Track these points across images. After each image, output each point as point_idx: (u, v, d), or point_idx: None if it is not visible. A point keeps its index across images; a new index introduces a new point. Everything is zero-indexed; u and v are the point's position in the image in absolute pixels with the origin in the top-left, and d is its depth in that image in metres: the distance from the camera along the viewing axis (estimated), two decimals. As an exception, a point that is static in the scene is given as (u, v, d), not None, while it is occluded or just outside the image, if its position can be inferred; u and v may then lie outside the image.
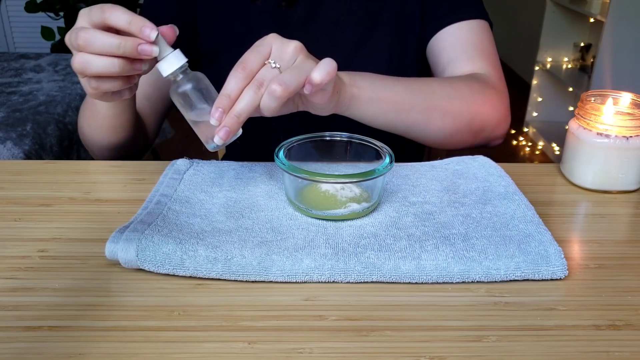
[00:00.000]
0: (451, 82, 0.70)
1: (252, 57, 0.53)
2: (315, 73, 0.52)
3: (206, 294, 0.46)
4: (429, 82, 0.68)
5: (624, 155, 0.63)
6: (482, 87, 0.70)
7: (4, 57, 2.18)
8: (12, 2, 3.08)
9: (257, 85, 0.52)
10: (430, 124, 0.67)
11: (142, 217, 0.52)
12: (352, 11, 0.78)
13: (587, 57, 2.75)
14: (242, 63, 0.53)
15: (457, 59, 0.75)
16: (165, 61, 0.54)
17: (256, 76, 0.53)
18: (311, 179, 0.53)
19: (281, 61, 0.53)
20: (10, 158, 1.45)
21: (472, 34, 0.76)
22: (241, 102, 0.52)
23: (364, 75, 0.63)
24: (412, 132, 0.68)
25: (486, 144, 0.74)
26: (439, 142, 0.71)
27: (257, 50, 0.54)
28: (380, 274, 0.47)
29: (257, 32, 0.79)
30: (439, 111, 0.67)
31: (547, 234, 0.51)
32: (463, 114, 0.68)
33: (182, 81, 0.55)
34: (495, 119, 0.71)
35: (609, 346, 0.41)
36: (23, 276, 0.48)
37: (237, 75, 0.52)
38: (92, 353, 0.40)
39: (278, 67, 0.53)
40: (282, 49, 0.54)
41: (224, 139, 0.52)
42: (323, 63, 0.53)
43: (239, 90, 0.52)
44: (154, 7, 0.79)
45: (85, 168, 0.69)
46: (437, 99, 0.66)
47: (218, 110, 0.52)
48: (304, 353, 0.40)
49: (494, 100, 0.71)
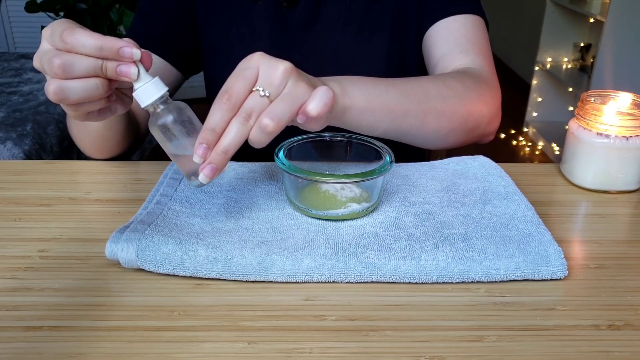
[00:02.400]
0: (444, 80, 0.67)
1: (238, 84, 0.47)
2: (312, 105, 0.48)
3: (206, 294, 0.46)
4: (422, 82, 0.66)
5: (624, 156, 0.63)
6: (476, 84, 0.69)
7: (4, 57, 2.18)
8: (12, 2, 3.07)
9: (245, 116, 0.47)
10: (425, 127, 0.65)
11: (142, 217, 0.52)
12: (351, 11, 0.78)
13: (587, 57, 2.75)
14: (227, 92, 0.47)
15: (450, 52, 0.74)
16: (144, 90, 0.49)
17: (243, 106, 0.47)
18: (311, 179, 0.53)
19: (270, 87, 0.48)
20: (10, 158, 1.45)
21: (465, 28, 0.75)
22: (227, 137, 0.47)
23: (355, 82, 0.59)
24: (406, 136, 0.66)
25: (478, 141, 0.73)
26: (432, 144, 0.69)
27: (243, 75, 0.48)
28: (380, 274, 0.47)
29: (258, 32, 0.80)
30: (434, 113, 0.64)
31: (547, 234, 0.51)
32: (458, 113, 0.66)
33: (162, 112, 0.49)
34: (488, 116, 0.70)
35: (608, 346, 0.41)
36: (23, 276, 0.48)
37: (222, 106, 0.47)
38: (92, 353, 0.40)
39: (267, 96, 0.48)
40: (270, 72, 0.48)
41: (210, 176, 0.47)
42: (319, 94, 0.49)
43: (224, 122, 0.47)
44: (151, 6, 0.79)
45: (85, 168, 0.69)
46: (432, 100, 0.64)
47: (201, 146, 0.46)
48: (304, 353, 0.40)
49: (487, 96, 0.70)
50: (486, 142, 0.74)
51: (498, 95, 0.72)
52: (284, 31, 0.78)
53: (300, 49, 0.78)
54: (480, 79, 0.70)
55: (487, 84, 0.71)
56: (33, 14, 2.59)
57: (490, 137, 0.74)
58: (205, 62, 0.83)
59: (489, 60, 0.75)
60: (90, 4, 2.52)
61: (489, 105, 0.70)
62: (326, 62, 0.79)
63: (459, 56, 0.73)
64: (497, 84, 0.73)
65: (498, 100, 0.72)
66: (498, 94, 0.72)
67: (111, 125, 0.67)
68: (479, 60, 0.73)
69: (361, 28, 0.78)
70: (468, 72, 0.71)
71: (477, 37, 0.75)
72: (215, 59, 0.81)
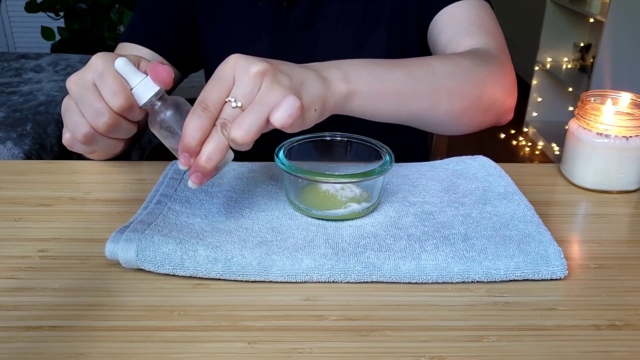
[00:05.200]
0: (451, 58, 0.65)
1: (213, 94, 0.48)
2: (276, 115, 0.47)
3: (206, 294, 0.46)
4: (429, 61, 0.63)
5: (624, 155, 0.63)
6: (483, 60, 0.67)
7: (4, 57, 2.18)
8: (12, 2, 3.07)
9: (221, 126, 0.48)
10: (436, 109, 0.62)
11: (142, 217, 0.52)
12: (351, 11, 0.78)
13: (587, 57, 2.76)
14: (203, 101, 0.48)
15: (455, 36, 0.73)
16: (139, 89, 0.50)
17: (219, 116, 0.48)
18: (311, 179, 0.53)
19: (242, 96, 0.48)
20: (10, 158, 1.45)
21: (469, 12, 0.74)
22: (208, 147, 0.47)
23: (356, 65, 0.57)
24: (417, 120, 0.63)
25: (497, 121, 0.70)
26: (447, 127, 0.66)
27: (218, 85, 0.48)
28: (380, 274, 0.47)
29: (258, 32, 0.80)
30: (444, 93, 0.62)
31: (546, 234, 0.51)
32: (470, 91, 0.64)
33: (160, 108, 0.51)
34: (502, 91, 0.67)
35: (608, 346, 0.41)
36: (23, 276, 0.48)
37: (199, 115, 0.47)
38: (92, 353, 0.40)
39: (239, 106, 0.48)
40: (242, 79, 0.48)
41: (197, 183, 0.48)
42: (284, 104, 0.47)
43: (202, 132, 0.47)
44: (151, 3, 0.79)
45: (85, 168, 0.69)
46: (441, 79, 0.61)
47: (183, 155, 0.48)
48: (304, 353, 0.40)
49: (497, 72, 0.67)
50: (505, 123, 0.72)
51: (510, 70, 0.70)
52: (284, 31, 0.78)
53: (300, 49, 0.78)
54: (489, 56, 0.68)
55: (496, 59, 0.69)
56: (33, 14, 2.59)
57: (508, 116, 0.71)
58: (206, 62, 0.83)
59: (497, 38, 0.73)
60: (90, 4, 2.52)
61: (500, 80, 0.67)
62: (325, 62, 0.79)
63: (465, 39, 0.72)
64: (508, 60, 0.71)
65: (511, 76, 0.70)
66: (510, 69, 0.70)
67: None
68: (485, 39, 0.72)
69: (360, 27, 0.78)
70: (475, 51, 0.69)
71: (482, 19, 0.74)
72: (216, 59, 0.80)
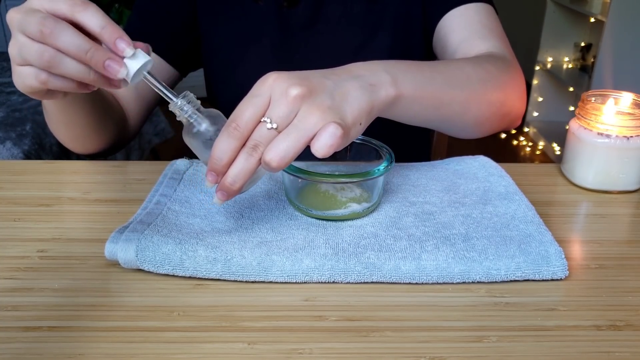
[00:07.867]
0: (481, 63, 0.65)
1: (247, 113, 0.46)
2: (317, 146, 0.45)
3: (206, 294, 0.46)
4: (461, 65, 0.63)
5: (625, 155, 0.62)
6: (506, 66, 0.68)
7: (4, 57, 2.18)
8: (12, 2, 3.08)
9: (252, 148, 0.46)
10: (467, 114, 0.62)
11: (141, 217, 0.52)
12: (353, 12, 0.78)
13: (587, 57, 2.75)
14: (235, 120, 0.46)
15: (469, 38, 0.73)
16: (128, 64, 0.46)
17: (251, 137, 0.46)
18: (311, 179, 0.53)
19: (279, 118, 0.45)
20: (9, 158, 1.45)
21: (480, 15, 0.75)
22: (234, 169, 0.46)
23: (402, 68, 0.55)
24: (446, 124, 0.63)
25: (508, 126, 0.71)
26: (470, 131, 0.66)
27: (253, 103, 0.46)
28: (380, 274, 0.47)
29: (258, 32, 0.79)
30: (476, 100, 0.62)
31: (547, 234, 0.51)
32: (496, 98, 0.64)
33: (196, 122, 0.49)
34: (519, 97, 0.69)
35: (609, 346, 0.41)
36: (23, 276, 0.48)
37: (230, 133, 0.46)
38: (92, 353, 0.39)
39: (275, 128, 0.46)
40: (280, 101, 0.46)
41: (223, 200, 0.47)
42: (325, 134, 0.45)
43: (231, 152, 0.46)
44: (149, 1, 0.79)
45: (85, 168, 0.69)
46: (473, 85, 0.61)
47: (210, 174, 0.47)
48: (304, 353, 0.40)
49: (517, 80, 0.68)
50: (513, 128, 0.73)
51: (522, 77, 0.71)
52: (285, 31, 0.78)
53: (301, 49, 0.78)
54: (506, 61, 0.69)
55: (513, 67, 0.70)
56: (33, 13, 2.58)
57: (518, 122, 0.72)
58: (206, 62, 0.83)
59: (507, 43, 0.74)
60: (90, 4, 2.51)
61: (518, 88, 0.68)
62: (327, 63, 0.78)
63: (478, 42, 0.73)
64: (519, 66, 0.72)
65: (524, 83, 0.71)
66: (522, 76, 0.71)
67: (64, 108, 0.63)
68: (498, 44, 0.73)
69: (362, 28, 0.78)
70: (493, 56, 0.70)
71: (492, 23, 0.75)
72: (216, 58, 0.81)
